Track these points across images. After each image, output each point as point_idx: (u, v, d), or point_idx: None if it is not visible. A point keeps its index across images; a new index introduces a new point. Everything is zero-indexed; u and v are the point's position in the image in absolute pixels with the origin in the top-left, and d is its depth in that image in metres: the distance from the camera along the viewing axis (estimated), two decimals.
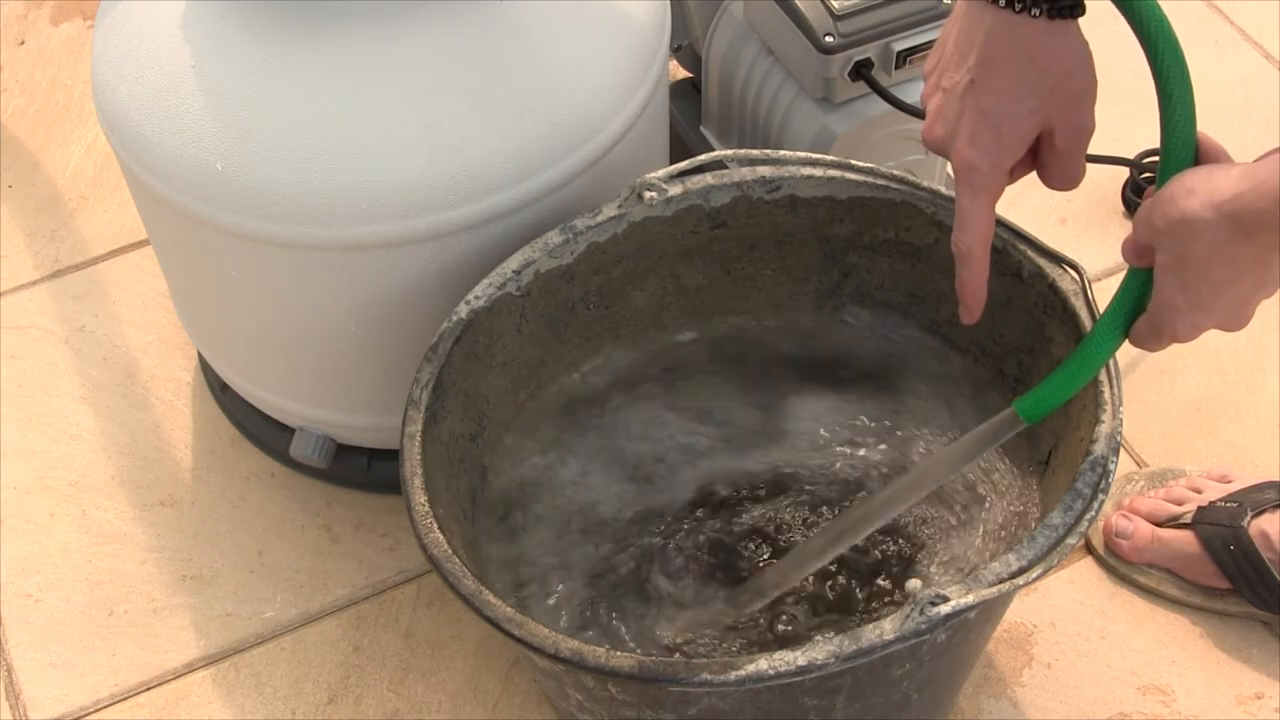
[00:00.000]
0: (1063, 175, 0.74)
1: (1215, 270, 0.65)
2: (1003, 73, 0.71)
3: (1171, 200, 0.66)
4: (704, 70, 1.12)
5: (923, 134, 0.76)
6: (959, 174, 0.74)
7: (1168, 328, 0.69)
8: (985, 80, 0.71)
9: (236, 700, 0.98)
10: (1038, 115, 0.71)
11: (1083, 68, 0.71)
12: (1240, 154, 0.67)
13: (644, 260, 0.91)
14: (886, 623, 0.68)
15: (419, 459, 0.78)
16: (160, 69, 0.87)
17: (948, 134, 0.74)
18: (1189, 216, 0.65)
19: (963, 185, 0.74)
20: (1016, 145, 0.72)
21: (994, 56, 0.70)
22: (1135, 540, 0.99)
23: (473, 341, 0.85)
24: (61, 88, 1.38)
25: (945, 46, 0.74)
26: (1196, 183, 0.65)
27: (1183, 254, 0.66)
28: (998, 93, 0.71)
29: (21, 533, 1.06)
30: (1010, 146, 0.72)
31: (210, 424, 1.12)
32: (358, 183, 0.84)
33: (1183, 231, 0.65)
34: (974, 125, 0.72)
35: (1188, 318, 0.68)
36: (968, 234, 0.75)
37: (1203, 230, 0.64)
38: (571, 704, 0.79)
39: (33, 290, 1.22)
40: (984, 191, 0.74)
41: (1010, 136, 0.72)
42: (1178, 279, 0.67)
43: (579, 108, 0.88)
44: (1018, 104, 0.71)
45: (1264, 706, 0.95)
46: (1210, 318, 0.68)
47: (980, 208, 0.74)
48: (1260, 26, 1.38)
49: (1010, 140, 0.72)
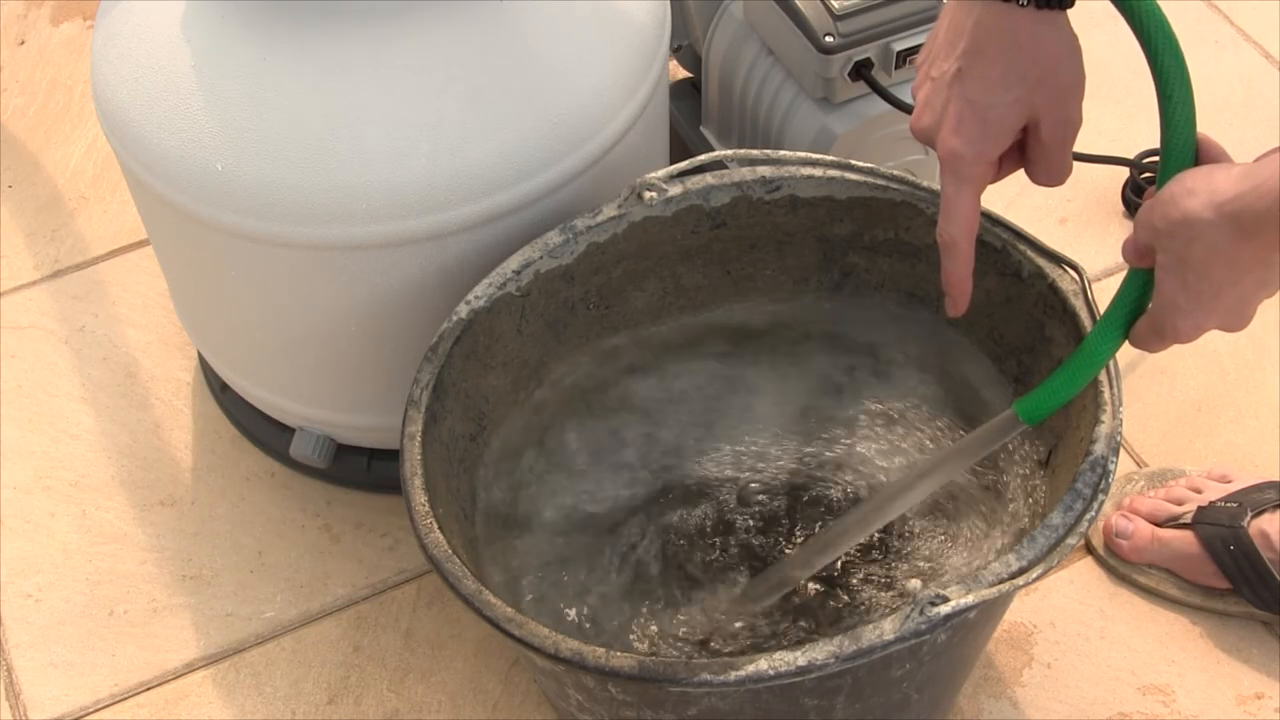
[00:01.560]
0: (1049, 170, 0.74)
1: (1216, 270, 0.65)
2: (990, 61, 0.70)
3: (1172, 201, 0.66)
4: (704, 70, 1.12)
5: (911, 124, 0.76)
6: (944, 163, 0.74)
7: (1169, 328, 0.69)
8: (972, 69, 0.71)
9: (236, 700, 0.98)
10: (1024, 105, 0.71)
11: (1070, 60, 0.71)
12: (1240, 154, 0.67)
13: (644, 260, 0.91)
14: (886, 623, 0.68)
15: (419, 459, 0.78)
16: (160, 69, 0.87)
17: (934, 123, 0.74)
18: (1190, 217, 0.65)
19: (947, 175, 0.74)
20: (1002, 135, 0.72)
21: (982, 45, 0.70)
22: (1135, 540, 0.99)
23: (473, 341, 0.85)
24: (61, 88, 1.38)
25: (936, 38, 0.74)
26: (1197, 183, 0.65)
27: (1184, 254, 0.66)
28: (985, 81, 0.71)
29: (21, 533, 1.06)
30: (996, 136, 0.72)
31: (210, 424, 1.12)
32: (358, 183, 0.84)
33: (1184, 232, 0.65)
34: (960, 114, 0.72)
35: (1189, 318, 0.68)
36: (952, 224, 0.75)
37: (1204, 230, 0.64)
38: (571, 704, 0.79)
39: (33, 290, 1.22)
40: (969, 181, 0.73)
41: (996, 125, 0.72)
42: (1179, 279, 0.67)
43: (579, 108, 0.88)
44: (1004, 93, 0.71)
45: (1264, 706, 0.95)
46: (1212, 318, 0.68)
47: (964, 197, 0.74)
48: (1260, 26, 1.38)
49: (996, 129, 0.72)
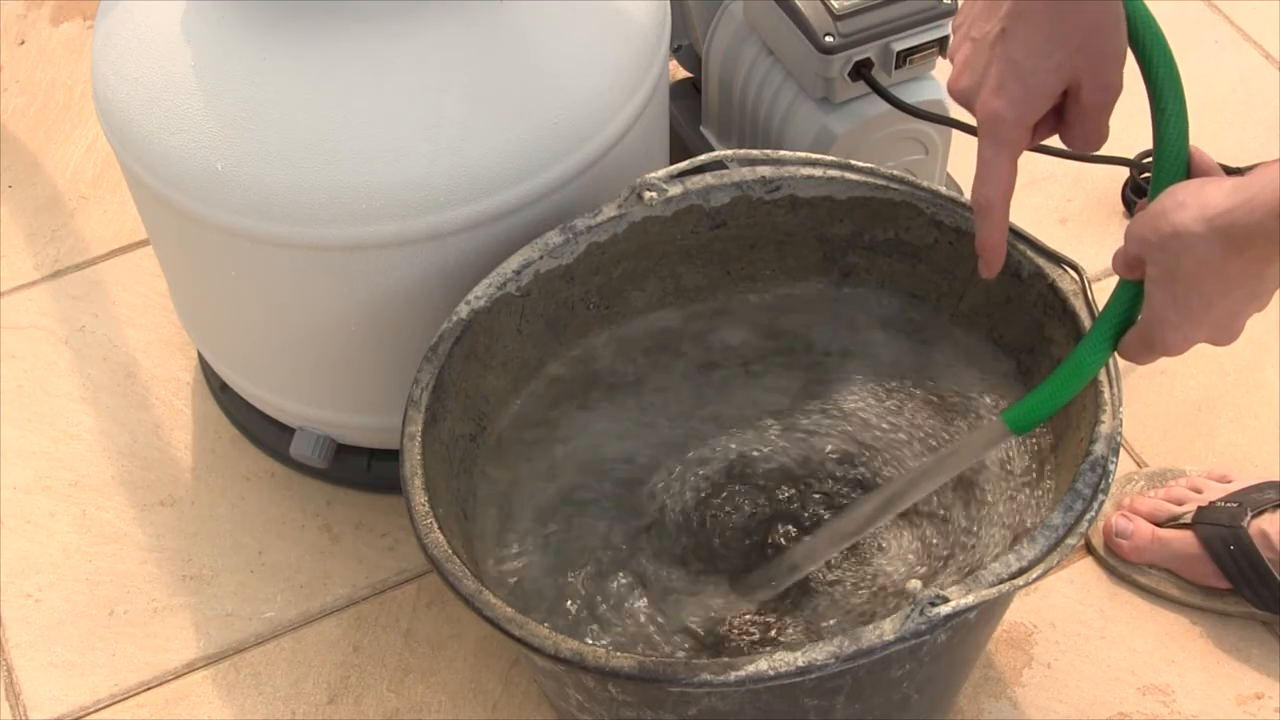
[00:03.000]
0: (1086, 134, 0.74)
1: (1206, 284, 0.65)
2: (1034, 25, 0.70)
3: (1163, 214, 0.66)
4: (704, 70, 1.12)
5: (949, 84, 0.76)
6: (983, 125, 0.73)
7: (1158, 341, 0.70)
8: (1016, 30, 0.71)
9: (236, 700, 0.98)
10: (1066, 69, 0.71)
11: (1114, 28, 0.70)
12: (1240, 154, 0.67)
13: (644, 260, 0.91)
14: (886, 623, 0.68)
15: (419, 459, 0.78)
16: (160, 69, 0.87)
17: (974, 84, 0.73)
18: (1180, 230, 0.65)
19: (986, 138, 0.74)
20: (1043, 99, 0.72)
21: (1026, 9, 0.70)
22: (1135, 540, 0.99)
23: (473, 341, 0.85)
24: (61, 88, 1.38)
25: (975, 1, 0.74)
26: (1188, 196, 0.65)
27: (1173, 267, 0.66)
28: (1029, 44, 0.71)
29: (21, 533, 1.06)
30: (1036, 100, 0.72)
31: (210, 424, 1.12)
32: (358, 183, 0.84)
33: (1174, 245, 0.65)
34: (1001, 75, 0.71)
35: (1178, 331, 0.68)
36: (989, 186, 0.75)
37: (1194, 244, 0.64)
38: (571, 704, 0.79)
39: (33, 290, 1.22)
40: (1007, 144, 0.73)
41: (1037, 90, 0.71)
42: (1168, 292, 0.67)
43: (579, 108, 0.88)
44: (1046, 58, 0.70)
45: (1264, 706, 0.95)
46: (1200, 331, 0.68)
47: (1003, 159, 0.74)
48: (1260, 26, 1.38)
49: (1037, 93, 0.71)
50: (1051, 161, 1.17)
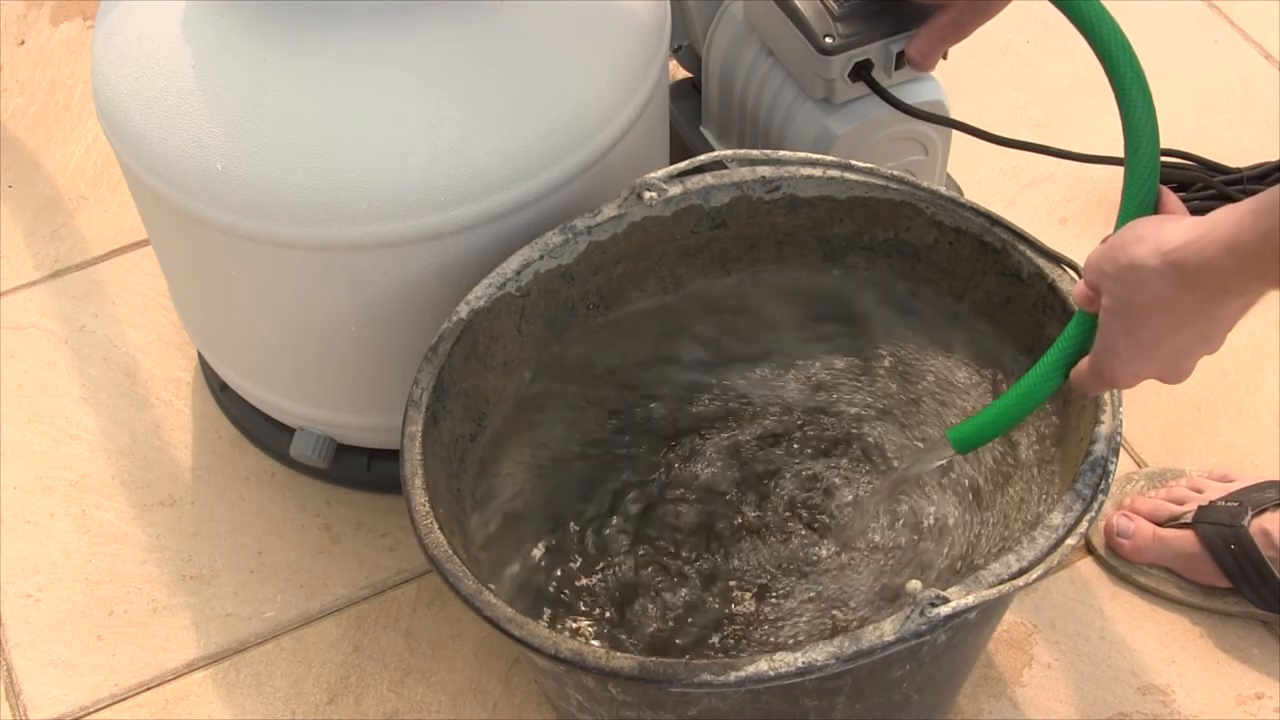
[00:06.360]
0: None
1: (1157, 319, 0.66)
2: None
3: (1121, 246, 0.67)
4: (704, 70, 1.12)
5: None
6: None
7: (1107, 372, 0.70)
8: None
9: (236, 700, 0.98)
10: None
11: None
12: (1240, 154, 0.67)
13: (644, 260, 0.91)
14: (887, 624, 0.68)
15: (419, 459, 0.78)
16: (160, 69, 0.87)
17: None
18: (1135, 263, 0.65)
19: None
20: None
21: None
22: (1136, 540, 0.99)
23: (473, 341, 0.85)
24: (61, 88, 1.38)
25: None
26: (1147, 231, 0.66)
27: (1127, 300, 0.67)
28: None
29: (21, 533, 1.06)
30: None
31: (210, 424, 1.12)
32: (358, 183, 0.84)
33: (1129, 277, 0.66)
34: None
35: (1128, 364, 0.69)
36: None
37: (1148, 277, 0.65)
38: (571, 704, 0.79)
39: (33, 290, 1.22)
40: None
41: None
42: (1120, 324, 0.68)
43: (579, 108, 0.88)
44: None
45: (1264, 706, 0.95)
46: (1149, 366, 0.69)
47: None
48: (1260, 26, 1.38)
49: None
50: (1051, 161, 1.17)
